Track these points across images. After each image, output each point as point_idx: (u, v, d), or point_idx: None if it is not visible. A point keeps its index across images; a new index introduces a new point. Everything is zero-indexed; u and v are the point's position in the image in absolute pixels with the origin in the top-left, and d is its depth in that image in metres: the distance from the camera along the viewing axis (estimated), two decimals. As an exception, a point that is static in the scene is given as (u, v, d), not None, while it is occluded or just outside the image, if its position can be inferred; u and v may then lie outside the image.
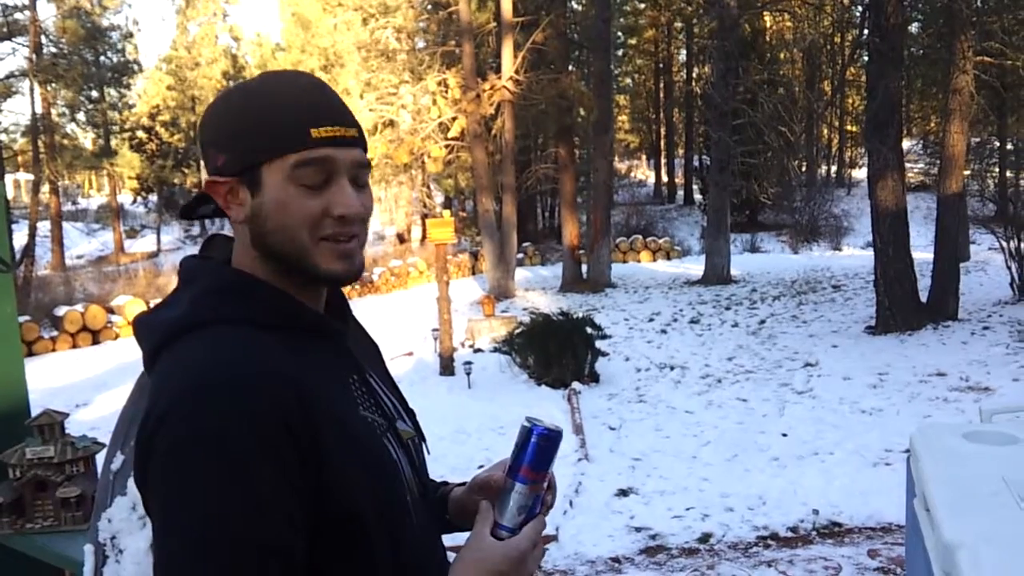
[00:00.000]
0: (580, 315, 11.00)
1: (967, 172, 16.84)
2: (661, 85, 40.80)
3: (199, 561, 0.95)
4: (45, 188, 27.69)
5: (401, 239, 30.29)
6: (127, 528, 1.54)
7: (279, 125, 1.08)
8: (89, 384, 11.43)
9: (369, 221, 1.17)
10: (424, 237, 25.48)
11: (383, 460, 1.12)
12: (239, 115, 1.10)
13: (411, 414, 1.29)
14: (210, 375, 0.99)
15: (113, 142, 33.11)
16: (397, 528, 1.10)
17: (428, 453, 1.31)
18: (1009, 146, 23.83)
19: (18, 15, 24.79)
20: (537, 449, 1.17)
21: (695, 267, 21.06)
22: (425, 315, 14.61)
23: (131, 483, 1.53)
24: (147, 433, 1.00)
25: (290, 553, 0.98)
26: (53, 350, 14.80)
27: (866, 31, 13.50)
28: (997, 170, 24.47)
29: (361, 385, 1.17)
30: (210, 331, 1.05)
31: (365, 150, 1.16)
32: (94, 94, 30.47)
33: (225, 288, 1.11)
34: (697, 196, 33.67)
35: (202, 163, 1.19)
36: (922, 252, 14.13)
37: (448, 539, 1.33)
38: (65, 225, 30.42)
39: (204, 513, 0.95)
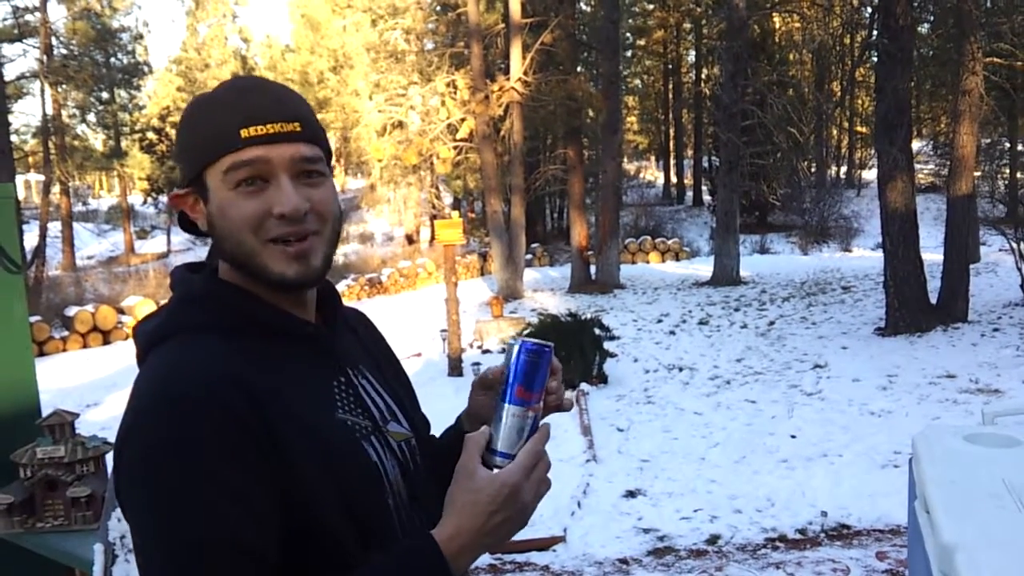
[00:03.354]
0: (588, 316, 11.00)
1: (977, 173, 16.78)
2: (670, 86, 40.76)
3: (175, 568, 0.96)
4: (56, 189, 27.79)
5: (410, 240, 30.33)
6: (136, 527, 1.56)
7: (212, 128, 1.07)
8: (99, 384, 11.48)
9: (331, 216, 1.12)
10: (433, 238, 25.48)
11: (358, 464, 1.11)
12: (185, 125, 1.11)
13: (407, 414, 1.29)
14: (165, 388, 1.01)
15: (123, 143, 33.22)
16: (374, 534, 1.09)
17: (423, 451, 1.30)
18: (1019, 147, 23.75)
19: (29, 17, 24.91)
20: (526, 366, 1.11)
21: (704, 268, 21.03)
22: (433, 316, 14.63)
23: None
24: (116, 448, 1.04)
25: (262, 553, 0.99)
26: (64, 350, 14.86)
27: (875, 32, 13.46)
28: (1007, 171, 24.40)
29: (346, 387, 1.17)
30: (175, 341, 1.07)
31: (317, 142, 1.12)
32: (104, 95, 30.58)
33: (193, 298, 1.12)
34: (706, 197, 33.65)
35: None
36: (932, 253, 14.08)
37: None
38: (76, 226, 30.54)
39: (172, 523, 0.96)
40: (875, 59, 14.33)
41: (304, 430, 1.05)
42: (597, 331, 10.36)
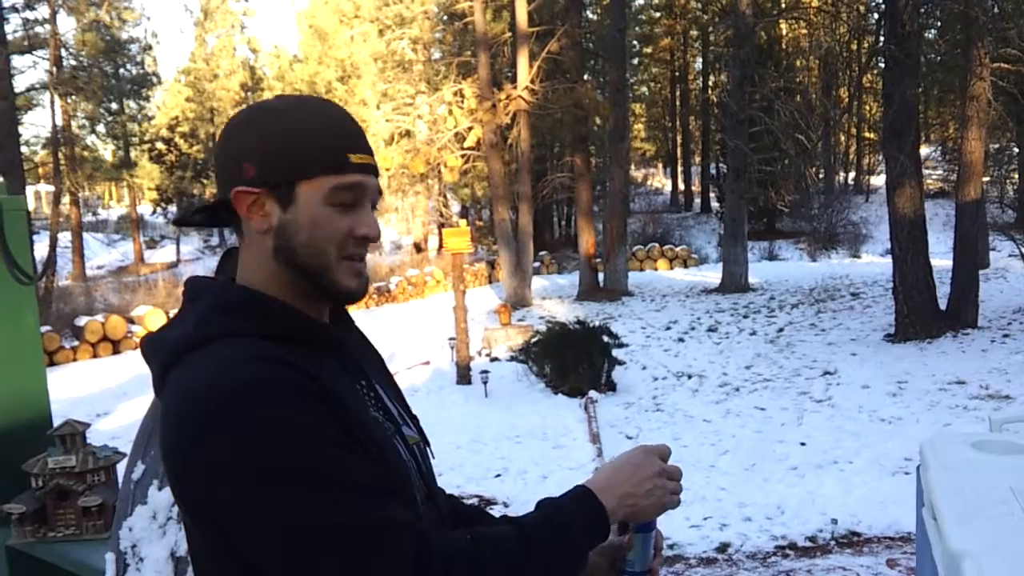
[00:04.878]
0: (597, 324, 11.00)
1: (986, 179, 16.75)
2: (677, 93, 40.77)
3: (346, 514, 0.99)
4: (66, 199, 27.89)
5: (418, 248, 30.36)
6: (147, 536, 1.57)
7: (321, 147, 1.14)
8: (110, 394, 11.51)
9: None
10: (441, 246, 25.54)
11: (398, 459, 1.16)
12: (279, 133, 1.14)
13: (415, 420, 1.32)
14: (237, 376, 1.02)
15: (133, 153, 33.36)
16: None
17: (433, 458, 1.34)
18: (1028, 152, 23.64)
19: (39, 29, 25.06)
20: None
21: (712, 275, 21.00)
22: (442, 324, 14.64)
23: (152, 492, 1.56)
24: (188, 445, 1.02)
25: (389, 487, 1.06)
26: (74, 360, 14.91)
27: (882, 38, 13.46)
28: (1016, 176, 24.33)
29: (369, 390, 1.21)
30: (220, 344, 1.07)
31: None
32: (114, 106, 30.70)
33: (231, 305, 1.14)
34: (714, 204, 33.60)
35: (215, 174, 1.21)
36: (941, 259, 14.04)
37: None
38: (85, 236, 30.63)
39: (318, 481, 0.98)
40: (882, 65, 14.33)
41: (360, 423, 1.10)
42: (605, 339, 10.35)
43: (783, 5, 24.70)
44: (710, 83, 37.50)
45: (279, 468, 0.98)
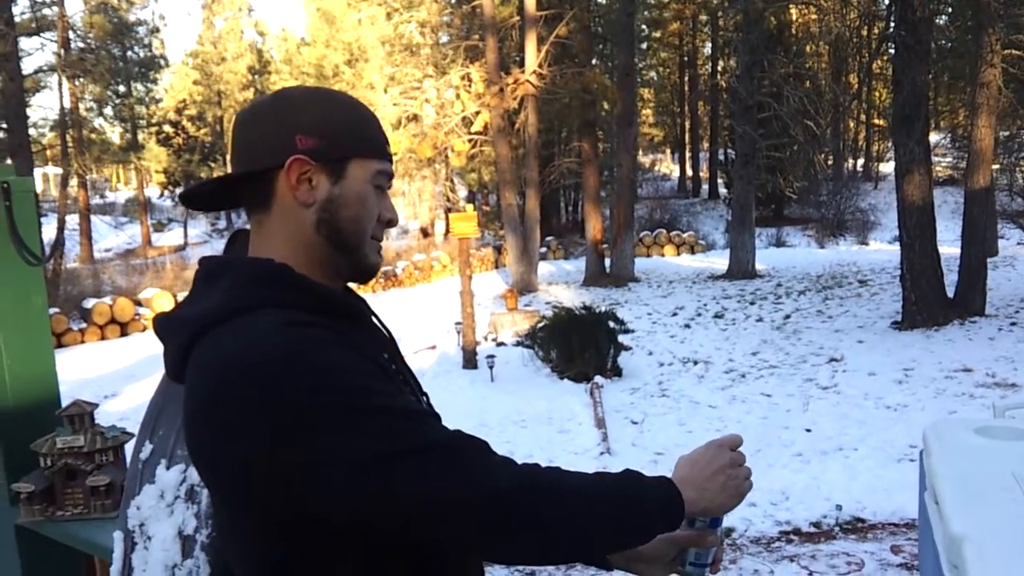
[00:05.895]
0: (603, 309, 11.00)
1: (995, 166, 16.66)
2: (686, 78, 40.60)
3: (415, 434, 1.04)
4: (73, 182, 27.93)
5: (424, 233, 30.37)
6: (155, 515, 1.58)
7: (373, 132, 1.24)
8: (118, 375, 11.58)
9: None
10: (447, 231, 25.51)
11: None
12: (342, 112, 1.21)
13: (425, 396, 1.34)
14: (280, 340, 1.03)
15: (140, 136, 33.41)
16: None
17: None
18: (1038, 140, 23.48)
19: (46, 11, 25.03)
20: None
21: (719, 261, 20.96)
22: (448, 309, 14.66)
23: (159, 471, 1.57)
24: (236, 415, 1.01)
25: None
26: (82, 342, 14.98)
27: (892, 24, 13.37)
28: (1026, 164, 24.16)
29: (390, 362, 1.23)
30: (251, 315, 1.07)
31: None
32: (121, 89, 30.72)
33: (262, 277, 1.14)
34: (722, 190, 33.52)
35: (245, 149, 1.21)
36: (949, 247, 13.99)
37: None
38: (93, 219, 30.71)
39: (375, 422, 1.02)
40: (892, 51, 14.24)
41: (393, 378, 1.16)
42: (612, 324, 10.36)
43: (793, -10, 24.47)
44: (719, 68, 37.30)
45: (340, 412, 1.00)
